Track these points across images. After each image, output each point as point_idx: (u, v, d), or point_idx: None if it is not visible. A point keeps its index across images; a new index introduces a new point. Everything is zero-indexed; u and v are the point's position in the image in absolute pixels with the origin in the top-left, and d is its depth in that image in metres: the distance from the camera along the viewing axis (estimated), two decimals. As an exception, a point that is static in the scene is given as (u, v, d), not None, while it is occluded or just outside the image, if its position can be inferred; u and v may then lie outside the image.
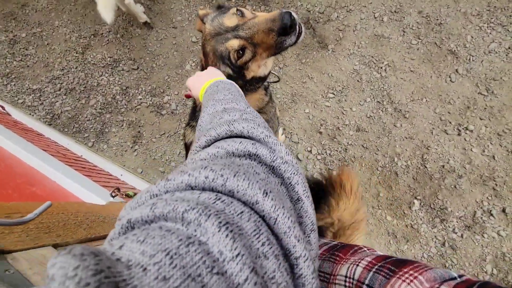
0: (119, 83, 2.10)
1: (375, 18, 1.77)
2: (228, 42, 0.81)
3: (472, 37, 1.61)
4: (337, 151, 1.66)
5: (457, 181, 1.49)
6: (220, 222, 0.22)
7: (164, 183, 0.29)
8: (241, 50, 0.82)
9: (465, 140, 1.51)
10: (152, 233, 0.21)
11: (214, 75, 0.70)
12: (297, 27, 0.78)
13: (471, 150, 1.51)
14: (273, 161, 0.34)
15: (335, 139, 1.68)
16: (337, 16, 1.82)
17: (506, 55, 1.55)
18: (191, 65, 2.01)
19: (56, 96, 2.17)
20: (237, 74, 0.89)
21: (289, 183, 0.33)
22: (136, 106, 2.01)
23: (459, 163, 1.51)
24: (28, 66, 2.33)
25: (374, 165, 1.60)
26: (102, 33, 2.26)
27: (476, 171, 1.48)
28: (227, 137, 0.39)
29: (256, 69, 0.89)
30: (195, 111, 1.05)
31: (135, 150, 1.90)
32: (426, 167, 1.54)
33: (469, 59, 1.59)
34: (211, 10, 0.92)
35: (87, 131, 2.02)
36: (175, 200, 0.24)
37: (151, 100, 2.00)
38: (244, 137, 0.38)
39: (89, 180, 1.15)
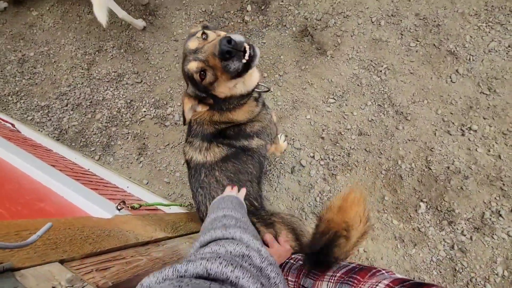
0: (124, 96, 2.15)
1: (373, 22, 1.78)
2: (188, 64, 0.84)
3: (471, 37, 1.61)
4: (340, 155, 1.66)
5: (463, 182, 1.47)
6: None
7: (177, 272, 0.35)
8: (203, 72, 0.83)
9: (470, 140, 1.50)
10: None
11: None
12: (245, 51, 0.78)
13: (476, 150, 1.49)
14: (262, 263, 0.41)
15: (337, 144, 1.68)
16: (335, 23, 1.84)
17: (507, 53, 1.54)
18: (193, 76, 2.05)
19: (63, 112, 2.24)
20: (206, 94, 0.91)
21: (274, 283, 0.40)
22: (140, 119, 2.05)
23: (465, 163, 1.49)
24: (36, 83, 2.41)
25: (378, 168, 1.59)
26: (106, 49, 2.33)
27: (482, 172, 1.46)
28: (223, 238, 0.48)
29: (226, 90, 0.90)
30: (191, 128, 1.08)
31: (141, 161, 1.93)
32: (430, 169, 1.52)
33: (469, 59, 1.58)
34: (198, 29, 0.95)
35: (93, 144, 2.07)
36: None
37: (155, 112, 2.04)
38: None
39: (96, 194, 1.18)
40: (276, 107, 1.83)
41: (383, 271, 0.45)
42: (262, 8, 2.03)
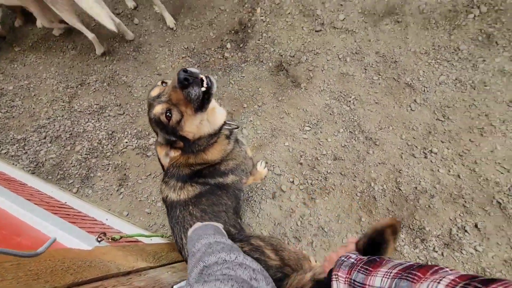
0: (105, 128, 2.17)
1: (339, 59, 1.99)
2: (154, 109, 0.91)
3: (423, 71, 1.84)
4: (317, 180, 1.74)
5: (430, 201, 1.59)
6: None
7: None
8: (168, 112, 0.90)
9: (432, 162, 1.65)
10: None
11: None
12: (202, 80, 0.88)
13: (438, 171, 1.64)
14: (267, 285, 0.47)
15: (315, 169, 1.77)
16: (306, 59, 2.04)
17: (455, 85, 1.77)
18: (175, 108, 2.12)
19: (41, 145, 2.20)
20: (176, 136, 0.96)
21: None
22: (122, 150, 2.06)
23: (430, 183, 1.62)
24: (13, 117, 2.38)
25: (353, 191, 1.69)
26: (89, 82, 2.38)
27: (445, 190, 1.60)
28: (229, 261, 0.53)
29: (194, 129, 0.95)
30: (167, 172, 1.13)
31: (121, 193, 1.90)
32: (400, 189, 1.64)
33: (424, 90, 1.80)
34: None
35: (71, 177, 2.03)
36: None
37: (136, 143, 2.06)
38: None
39: (75, 227, 1.16)
40: (256, 135, 1.92)
41: (447, 269, 0.42)
42: (241, 46, 2.21)
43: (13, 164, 2.10)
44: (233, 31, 2.26)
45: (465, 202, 1.56)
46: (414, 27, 1.93)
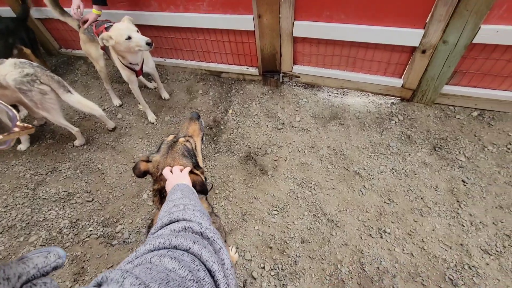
0: (69, 216, 2.09)
1: (299, 151, 2.35)
2: (179, 139, 1.18)
3: (367, 162, 2.23)
4: (287, 264, 1.77)
5: (393, 281, 1.68)
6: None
7: (135, 253, 0.50)
8: (188, 141, 1.20)
9: (387, 241, 1.82)
10: None
11: (179, 178, 0.98)
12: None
13: (394, 250, 1.79)
14: (201, 229, 0.58)
15: (284, 253, 1.82)
16: (271, 151, 2.37)
17: (392, 173, 2.15)
18: (148, 194, 2.18)
19: (-12, 236, 2.00)
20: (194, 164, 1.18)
21: (213, 240, 0.57)
22: (84, 239, 1.95)
23: (389, 263, 1.74)
24: (-37, 205, 2.21)
25: (322, 275, 1.73)
26: (61, 170, 2.41)
27: (404, 269, 1.72)
28: (174, 221, 0.64)
29: (200, 161, 1.20)
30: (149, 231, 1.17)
31: (74, 290, 1.70)
32: (365, 270, 1.72)
33: (370, 177, 2.14)
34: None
35: (17, 273, 1.79)
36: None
37: (102, 231, 1.99)
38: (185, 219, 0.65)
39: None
40: (227, 220, 1.99)
41: None
42: (214, 139, 2.52)
43: None
44: (208, 127, 2.61)
45: (423, 280, 1.67)
46: (354, 128, 2.44)
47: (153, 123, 2.68)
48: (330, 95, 2.68)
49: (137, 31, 2.03)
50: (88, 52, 2.51)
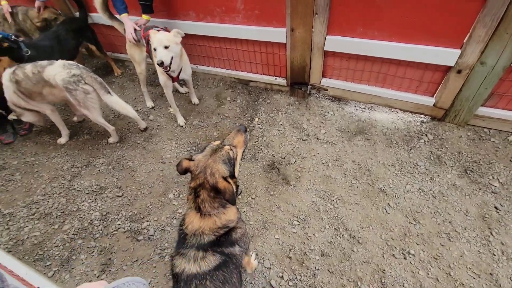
0: (100, 208, 2.22)
1: (323, 163, 2.36)
2: (225, 146, 1.23)
3: (392, 180, 2.20)
4: (306, 276, 1.77)
5: (416, 305, 1.62)
6: None
7: None
8: (232, 149, 1.23)
9: (411, 263, 1.77)
10: None
11: None
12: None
13: (419, 273, 1.74)
14: None
15: (303, 264, 1.82)
16: (295, 161, 2.39)
17: (419, 193, 2.09)
18: (174, 194, 2.27)
19: (27, 221, 2.16)
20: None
21: None
22: (112, 232, 2.06)
23: (412, 285, 1.69)
24: (7, 191, 2.41)
25: (341, 290, 1.70)
26: (95, 164, 2.56)
27: (428, 294, 1.66)
28: None
29: (237, 172, 1.26)
30: (185, 239, 1.13)
31: (102, 279, 1.79)
32: (386, 291, 1.68)
33: (395, 195, 2.10)
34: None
35: (50, 258, 1.92)
36: None
37: (129, 226, 2.09)
38: None
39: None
40: (248, 226, 2.03)
41: None
42: (239, 145, 2.58)
43: (-9, 239, 2.00)
44: (234, 133, 2.68)
45: (448, 307, 1.60)
46: (380, 144, 2.41)
47: (182, 126, 2.80)
48: (357, 110, 2.67)
49: (165, 47, 2.15)
50: (132, 55, 2.69)
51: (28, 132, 2.92)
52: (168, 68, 2.19)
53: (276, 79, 2.88)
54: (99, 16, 2.67)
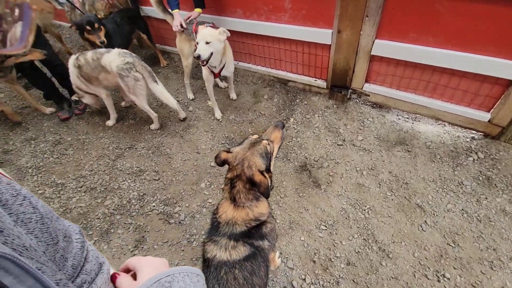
0: (138, 189, 2.38)
1: (357, 171, 2.29)
2: (263, 140, 1.25)
3: (432, 196, 2.06)
4: (329, 282, 1.74)
5: (447, 332, 1.52)
6: None
7: None
8: (269, 144, 1.26)
9: (445, 287, 1.66)
10: None
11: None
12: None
13: (453, 299, 1.62)
14: None
15: (327, 270, 1.79)
16: (328, 165, 2.35)
17: (462, 215, 1.94)
18: (206, 184, 2.36)
19: (75, 192, 2.39)
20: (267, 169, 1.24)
21: None
22: (147, 212, 2.20)
23: (445, 311, 1.59)
24: (61, 163, 2.67)
25: (365, 303, 1.65)
26: (137, 148, 2.75)
27: (462, 323, 1.54)
28: None
29: (272, 166, 1.28)
30: (218, 227, 1.17)
31: (135, 254, 1.93)
32: (414, 311, 1.60)
33: (434, 213, 1.97)
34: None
35: (92, 229, 2.11)
36: None
37: (162, 209, 2.21)
38: None
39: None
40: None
41: None
42: (273, 144, 2.60)
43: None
44: (268, 131, 2.71)
45: None
46: (422, 157, 2.27)
47: (218, 120, 2.89)
48: (399, 119, 2.54)
49: (207, 43, 2.23)
50: (181, 49, 2.83)
51: (82, 112, 3.22)
52: (204, 62, 2.27)
53: (315, 80, 2.84)
54: (151, 10, 2.83)
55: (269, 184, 1.15)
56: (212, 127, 2.86)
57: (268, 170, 1.21)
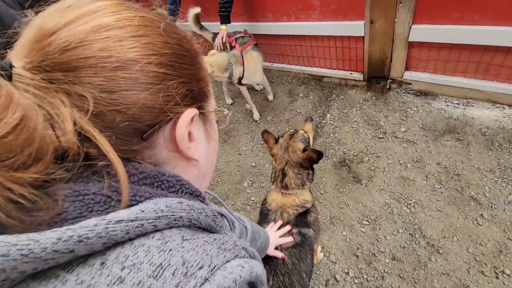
0: (189, 190, 2.65)
1: (400, 164, 2.20)
2: (299, 131, 1.46)
3: (489, 188, 1.89)
4: (374, 277, 1.74)
5: (509, 332, 1.42)
6: None
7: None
8: (306, 133, 1.48)
9: (504, 284, 1.53)
10: None
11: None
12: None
13: (516, 298, 1.50)
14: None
15: (371, 265, 1.80)
16: (368, 160, 2.31)
17: (527, 207, 1.75)
18: (248, 183, 2.52)
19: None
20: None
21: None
22: (198, 210, 2.44)
23: (506, 311, 1.47)
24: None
25: (413, 298, 1.62)
26: (186, 152, 3.04)
27: (528, 324, 1.42)
28: None
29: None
30: (268, 215, 1.30)
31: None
32: (469, 309, 1.52)
33: (491, 206, 1.81)
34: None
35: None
36: None
37: (211, 207, 2.44)
38: None
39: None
40: (315, 219, 2.10)
41: None
42: (310, 141, 2.64)
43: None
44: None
45: None
46: (476, 146, 2.09)
47: (257, 121, 3.03)
48: (448, 106, 2.36)
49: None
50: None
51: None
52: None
53: (351, 73, 2.79)
54: (188, 25, 3.05)
55: (318, 154, 1.29)
56: (251, 129, 3.01)
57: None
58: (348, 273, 1.80)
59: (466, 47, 2.02)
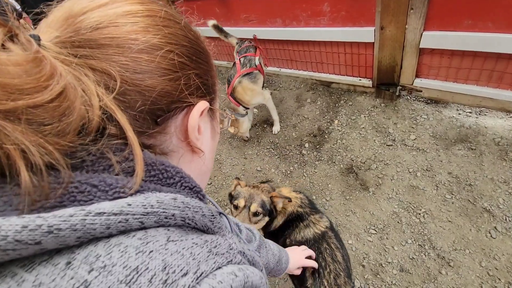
0: (194, 192, 2.63)
1: (410, 172, 2.15)
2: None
3: (503, 200, 1.82)
4: (380, 288, 1.68)
5: None
6: None
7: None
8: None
9: (521, 302, 1.45)
10: None
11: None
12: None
13: (533, 317, 1.41)
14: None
15: (378, 276, 1.73)
16: (376, 167, 2.26)
17: (544, 221, 1.67)
18: (253, 187, 2.49)
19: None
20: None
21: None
22: (202, 213, 2.42)
23: (522, 330, 1.39)
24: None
25: (422, 313, 1.55)
26: (192, 155, 3.04)
27: None
28: None
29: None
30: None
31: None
32: (482, 327, 1.44)
33: (505, 219, 1.74)
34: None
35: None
36: None
37: (215, 210, 2.41)
38: None
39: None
40: (320, 227, 2.05)
41: None
42: (317, 147, 2.61)
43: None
44: (312, 135, 2.73)
45: None
46: (489, 156, 2.02)
47: (264, 126, 3.01)
48: (460, 114, 2.30)
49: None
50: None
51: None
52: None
53: (360, 80, 2.76)
54: (208, 30, 2.99)
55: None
56: (257, 133, 3.00)
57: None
58: (353, 283, 1.74)
59: (479, 55, 1.98)
